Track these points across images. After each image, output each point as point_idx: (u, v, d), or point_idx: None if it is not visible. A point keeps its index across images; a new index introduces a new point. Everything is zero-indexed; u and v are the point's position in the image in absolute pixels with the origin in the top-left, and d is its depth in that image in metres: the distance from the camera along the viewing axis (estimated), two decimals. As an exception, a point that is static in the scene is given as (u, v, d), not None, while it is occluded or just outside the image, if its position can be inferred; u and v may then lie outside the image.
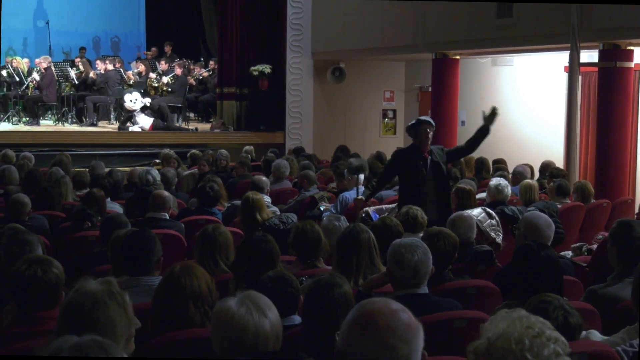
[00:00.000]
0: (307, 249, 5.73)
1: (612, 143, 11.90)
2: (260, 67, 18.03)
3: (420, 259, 4.52)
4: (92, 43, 23.55)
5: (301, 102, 18.16)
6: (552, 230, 5.90)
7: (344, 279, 4.01)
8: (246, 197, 7.68)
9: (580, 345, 3.73)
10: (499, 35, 13.39)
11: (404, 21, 15.56)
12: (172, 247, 6.92)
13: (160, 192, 8.15)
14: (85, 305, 2.97)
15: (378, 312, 2.47)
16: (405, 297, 4.31)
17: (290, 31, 18.00)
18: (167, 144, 15.74)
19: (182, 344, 3.88)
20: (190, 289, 3.96)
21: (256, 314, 3.19)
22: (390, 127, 18.96)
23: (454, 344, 3.92)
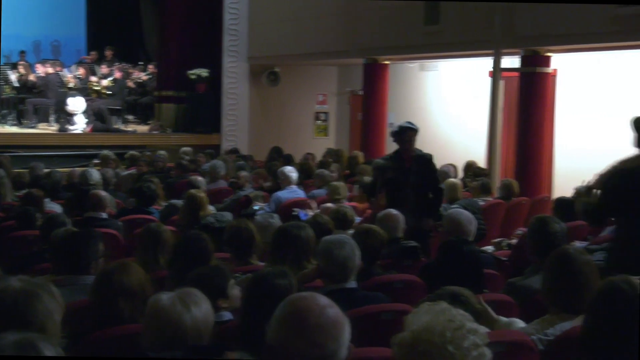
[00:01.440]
0: (241, 246, 5.72)
1: (531, 144, 12.09)
2: (197, 71, 17.95)
3: (347, 254, 4.54)
4: (32, 46, 23.13)
5: (237, 105, 18.11)
6: (474, 226, 5.99)
7: (288, 271, 4.00)
8: (191, 195, 7.64)
9: (498, 335, 3.78)
10: (426, 42, 13.50)
11: (337, 27, 15.62)
12: (110, 245, 6.85)
13: (98, 192, 8.09)
14: (19, 299, 2.88)
15: (307, 310, 2.47)
16: (335, 292, 4.32)
17: (227, 37, 17.95)
18: (107, 145, 15.56)
19: (114, 340, 3.84)
20: (120, 285, 3.92)
21: (184, 309, 3.17)
22: (322, 129, 19.01)
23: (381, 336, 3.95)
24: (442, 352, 2.36)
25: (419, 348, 2.39)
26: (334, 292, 4.29)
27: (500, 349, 3.45)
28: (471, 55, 13.91)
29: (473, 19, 12.46)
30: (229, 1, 17.83)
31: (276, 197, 9.37)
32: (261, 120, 18.32)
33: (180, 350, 3.07)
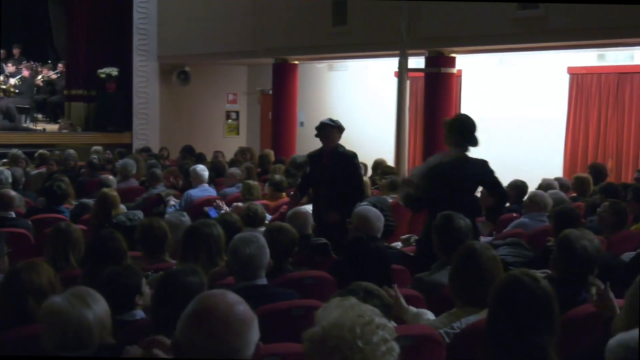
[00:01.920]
0: (153, 244, 5.67)
1: (438, 142, 12.26)
2: (107, 70, 17.73)
3: (253, 252, 4.53)
4: (-64, 44, 22.47)
5: (148, 104, 17.94)
6: (382, 222, 6.04)
7: (198, 269, 3.97)
8: (103, 193, 7.53)
9: (406, 329, 3.84)
10: (334, 42, 13.58)
11: (246, 27, 15.59)
12: (19, 244, 6.71)
13: (7, 191, 7.94)
14: None
15: (213, 307, 2.46)
16: (245, 289, 4.31)
17: (136, 36, 17.76)
18: (15, 144, 15.22)
19: (22, 340, 3.76)
20: (30, 284, 3.86)
21: (78, 306, 3.13)
22: (233, 127, 18.96)
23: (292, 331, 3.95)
24: (351, 347, 2.37)
25: (329, 343, 2.40)
26: (244, 290, 4.28)
27: (408, 342, 3.50)
28: (378, 56, 14.06)
29: (380, 20, 12.59)
30: (138, 1, 17.63)
31: (188, 195, 9.30)
32: (172, 119, 18.17)
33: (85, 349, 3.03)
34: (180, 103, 18.31)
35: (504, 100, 13.40)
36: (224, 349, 2.41)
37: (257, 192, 9.22)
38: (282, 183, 9.81)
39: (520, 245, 6.24)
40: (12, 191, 8.06)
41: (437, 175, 6.20)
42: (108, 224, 6.97)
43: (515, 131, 13.28)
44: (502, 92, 13.51)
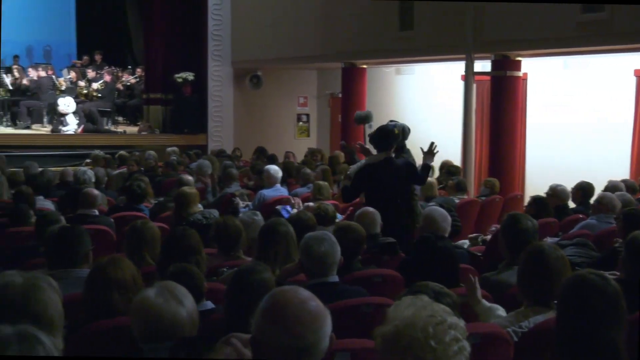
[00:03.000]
0: (228, 242, 5.70)
1: (504, 144, 12.14)
2: (184, 75, 17.92)
3: (326, 250, 4.53)
4: (25, 51, 22.97)
5: (222, 107, 18.09)
6: (449, 223, 5.99)
7: (265, 267, 3.99)
8: (181, 192, 7.59)
9: (474, 327, 3.78)
10: (401, 47, 13.52)
11: (316, 33, 15.62)
12: (102, 241, 6.80)
13: (90, 190, 8.03)
14: (24, 293, 2.80)
15: (287, 302, 2.46)
16: (316, 286, 4.31)
17: (211, 42, 17.94)
18: (97, 145, 15.49)
19: (108, 332, 3.81)
20: (115, 279, 3.90)
21: (173, 302, 3.16)
22: (304, 129, 19.01)
23: (361, 328, 3.94)
24: (424, 346, 2.35)
25: (402, 342, 2.38)
26: (316, 286, 4.28)
27: (478, 340, 3.45)
28: (444, 60, 13.96)
29: (446, 24, 12.50)
30: (213, 7, 17.83)
31: (260, 194, 9.33)
32: (245, 122, 18.30)
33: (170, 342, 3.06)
34: (253, 106, 18.42)
35: (569, 103, 13.15)
36: (299, 344, 2.41)
37: (327, 192, 9.21)
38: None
39: (587, 245, 6.12)
40: (95, 190, 8.16)
41: (367, 173, 7.39)
42: (185, 222, 7.04)
43: (581, 134, 13.03)
44: (567, 94, 13.27)
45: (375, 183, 7.31)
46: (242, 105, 18.32)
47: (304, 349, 2.41)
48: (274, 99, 18.51)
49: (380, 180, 7.29)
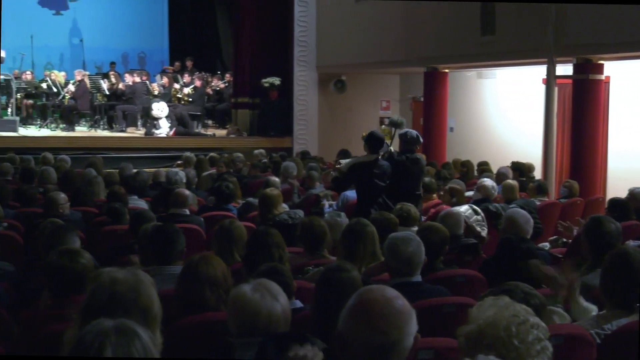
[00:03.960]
0: (313, 241, 5.72)
1: (585, 147, 11.89)
2: (270, 80, 18.08)
3: (414, 250, 4.52)
4: (121, 58, 23.51)
5: (307, 111, 18.17)
6: (531, 225, 5.89)
7: (352, 266, 3.99)
8: (264, 193, 7.66)
9: (557, 328, 3.71)
10: (483, 51, 13.37)
11: (399, 38, 15.57)
12: (192, 239, 6.90)
13: (182, 190, 8.14)
14: (128, 287, 2.84)
15: (373, 300, 2.46)
16: (400, 285, 4.28)
17: (297, 47, 18.04)
18: (188, 147, 15.73)
19: (199, 327, 3.87)
20: (207, 275, 3.96)
21: (269, 299, 3.19)
22: (386, 133, 18.84)
23: (443, 327, 3.91)
24: (507, 345, 2.33)
25: (485, 341, 2.36)
26: (400, 285, 4.25)
27: (560, 341, 3.39)
28: (526, 64, 13.74)
29: (527, 28, 12.31)
30: (298, 14, 17.92)
31: (344, 196, 9.33)
32: (329, 125, 18.34)
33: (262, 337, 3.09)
34: (337, 109, 18.46)
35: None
36: (383, 341, 2.40)
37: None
38: (432, 185, 9.71)
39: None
40: (186, 190, 8.26)
41: (357, 169, 8.31)
42: (271, 221, 7.09)
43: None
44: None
45: (364, 179, 8.25)
46: (326, 109, 18.37)
47: (388, 346, 2.41)
48: (357, 102, 18.51)
49: (367, 177, 8.21)
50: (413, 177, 8.54)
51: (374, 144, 8.38)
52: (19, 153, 13.71)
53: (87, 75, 18.73)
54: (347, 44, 17.04)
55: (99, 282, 2.90)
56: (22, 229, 7.36)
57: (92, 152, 15.26)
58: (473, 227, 7.20)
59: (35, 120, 18.99)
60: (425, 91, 15.62)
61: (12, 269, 5.44)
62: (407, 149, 8.69)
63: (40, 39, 21.38)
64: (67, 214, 7.50)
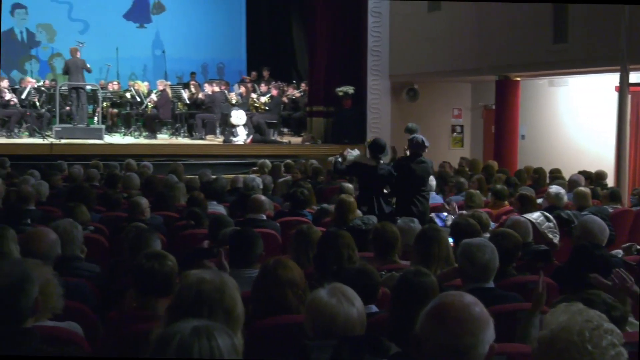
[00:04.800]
0: (385, 246, 5.70)
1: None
2: (344, 89, 18.10)
3: (489, 257, 4.47)
4: (200, 68, 23.90)
5: (380, 119, 18.14)
6: (606, 234, 5.78)
7: (428, 271, 3.97)
8: (341, 199, 7.67)
9: (630, 335, 3.62)
10: (555, 59, 13.16)
11: (470, 47, 15.43)
12: (268, 244, 6.93)
13: (259, 196, 8.20)
14: (212, 289, 2.87)
15: (451, 305, 2.45)
16: (474, 291, 4.24)
17: (370, 57, 18.03)
18: (264, 154, 15.84)
19: (277, 328, 3.89)
20: (287, 278, 3.98)
21: (345, 303, 3.19)
22: (458, 140, 18.79)
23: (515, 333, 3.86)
24: (580, 350, 2.28)
25: (558, 346, 2.32)
26: (474, 291, 4.21)
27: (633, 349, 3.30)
28: (598, 71, 13.47)
29: (600, 36, 12.08)
30: (372, 25, 17.92)
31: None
32: (402, 132, 18.19)
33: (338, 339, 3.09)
34: (409, 117, 18.31)
35: None
36: (459, 346, 2.39)
37: (480, 200, 9.06)
38: (503, 192, 9.59)
39: None
40: (263, 196, 8.32)
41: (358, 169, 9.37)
42: (345, 227, 7.09)
43: None
44: None
45: (363, 179, 9.24)
46: (398, 117, 18.29)
47: (462, 351, 2.39)
48: (429, 110, 18.40)
49: (366, 178, 9.09)
50: (418, 177, 8.97)
51: (374, 150, 9.12)
52: (104, 160, 14.02)
53: (168, 85, 19.03)
54: (419, 53, 16.97)
55: (187, 281, 2.94)
56: (107, 232, 7.49)
57: (173, 158, 15.50)
58: (545, 233, 7.08)
59: (119, 128, 19.42)
60: (497, 99, 15.45)
61: (98, 270, 5.54)
62: (414, 152, 9.07)
63: (125, 50, 21.86)
64: (149, 218, 7.63)
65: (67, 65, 17.54)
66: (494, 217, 8.65)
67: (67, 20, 23.26)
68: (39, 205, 8.45)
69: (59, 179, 11.61)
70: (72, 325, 3.86)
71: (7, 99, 17.28)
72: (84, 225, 6.20)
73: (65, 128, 17.19)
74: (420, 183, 8.98)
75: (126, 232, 5.97)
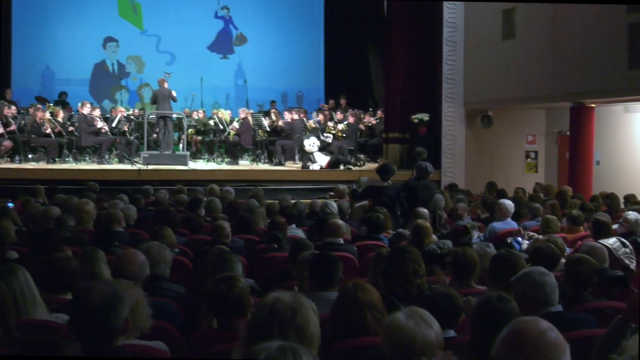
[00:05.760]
0: (464, 271, 5.64)
1: None
2: (419, 116, 18.06)
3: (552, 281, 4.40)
4: (280, 97, 24.17)
5: (454, 145, 18.01)
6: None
7: (509, 297, 3.91)
8: (418, 224, 7.63)
9: None
10: (631, 85, 12.87)
11: (545, 74, 15.21)
12: (346, 267, 6.92)
13: (336, 220, 8.20)
14: (293, 311, 2.89)
15: (526, 330, 2.41)
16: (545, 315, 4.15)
17: (445, 85, 17.95)
18: (341, 180, 15.86)
19: (356, 350, 3.87)
20: (366, 300, 3.97)
21: (423, 326, 3.17)
22: (532, 166, 18.49)
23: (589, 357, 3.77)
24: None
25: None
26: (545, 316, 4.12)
27: None
28: (675, 98, 13.13)
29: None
30: (446, 53, 17.86)
31: (491, 227, 9.17)
32: (476, 158, 18.09)
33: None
34: (483, 143, 18.19)
35: None
36: None
37: (555, 226, 8.88)
38: (579, 217, 9.38)
39: None
40: (340, 220, 8.33)
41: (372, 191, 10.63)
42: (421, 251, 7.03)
43: None
44: None
45: (376, 199, 10.27)
46: (473, 143, 18.14)
47: None
48: (503, 136, 18.18)
49: (377, 197, 10.26)
50: (421, 198, 10.09)
51: (383, 173, 10.72)
52: (188, 185, 14.24)
53: (250, 113, 19.27)
54: (493, 80, 16.82)
55: (262, 301, 2.97)
56: (191, 255, 7.60)
57: (254, 184, 15.65)
58: (621, 259, 6.91)
59: (203, 154, 19.75)
60: (572, 125, 15.17)
61: (182, 291, 5.62)
62: (420, 176, 10.33)
63: (209, 80, 22.30)
64: (231, 241, 7.71)
65: (155, 95, 17.95)
66: (569, 242, 8.46)
67: (155, 52, 23.86)
68: (127, 228, 8.61)
69: (146, 202, 11.84)
70: (159, 344, 3.93)
71: (98, 127, 17.75)
72: (169, 248, 6.30)
73: (152, 154, 17.55)
74: (423, 202, 9.97)
75: (210, 254, 6.04)
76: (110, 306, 3.19)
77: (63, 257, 5.11)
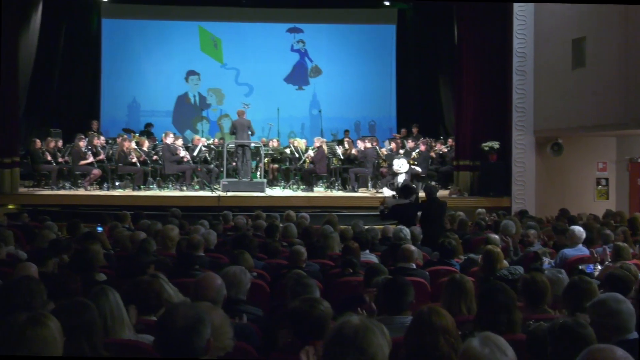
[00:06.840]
0: (536, 296, 5.53)
1: None
2: (490, 144, 17.86)
3: (629, 307, 4.27)
4: (354, 126, 24.25)
5: (524, 172, 17.76)
6: None
7: (587, 323, 3.82)
8: (489, 250, 7.53)
9: None
10: None
11: (615, 101, 14.90)
12: (419, 292, 6.86)
13: (409, 246, 8.16)
14: (359, 333, 2.90)
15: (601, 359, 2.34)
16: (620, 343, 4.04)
17: (515, 113, 17.77)
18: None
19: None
20: (440, 325, 3.92)
21: (498, 353, 3.12)
22: (603, 192, 18.07)
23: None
24: None
25: None
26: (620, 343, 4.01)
27: None
28: None
29: None
30: (516, 82, 17.71)
31: (562, 253, 8.97)
32: (546, 185, 17.79)
33: None
34: (553, 171, 17.89)
35: None
36: None
37: (627, 253, 8.62)
38: (653, 244, 9.11)
39: None
40: (412, 246, 8.28)
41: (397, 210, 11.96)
42: (492, 277, 6.94)
43: None
44: None
45: (401, 216, 11.63)
46: (543, 170, 17.85)
47: None
48: (573, 164, 17.85)
49: (403, 215, 11.62)
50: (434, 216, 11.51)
51: (406, 193, 12.38)
52: (265, 211, 14.37)
53: (324, 142, 19.37)
54: (563, 108, 16.55)
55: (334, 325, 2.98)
56: (268, 278, 7.66)
57: (329, 210, 15.70)
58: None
59: (279, 182, 19.91)
60: (643, 152, 14.79)
61: (260, 314, 5.66)
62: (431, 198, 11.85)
63: (285, 111, 22.55)
64: (306, 266, 7.74)
65: (234, 125, 18.22)
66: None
67: (234, 85, 24.29)
68: (207, 252, 8.73)
69: (225, 228, 11.99)
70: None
71: (181, 156, 18.11)
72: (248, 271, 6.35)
73: (231, 182, 17.79)
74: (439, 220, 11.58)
75: (288, 278, 6.07)
76: (193, 327, 3.24)
77: (148, 281, 5.21)
